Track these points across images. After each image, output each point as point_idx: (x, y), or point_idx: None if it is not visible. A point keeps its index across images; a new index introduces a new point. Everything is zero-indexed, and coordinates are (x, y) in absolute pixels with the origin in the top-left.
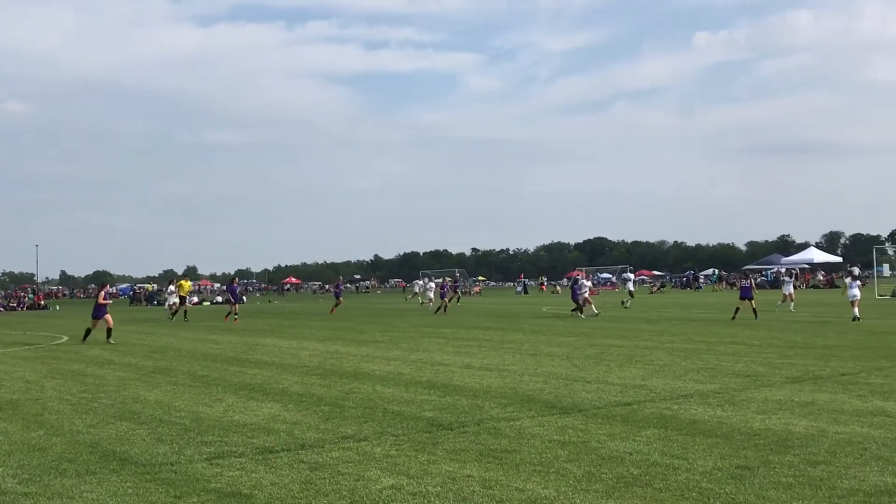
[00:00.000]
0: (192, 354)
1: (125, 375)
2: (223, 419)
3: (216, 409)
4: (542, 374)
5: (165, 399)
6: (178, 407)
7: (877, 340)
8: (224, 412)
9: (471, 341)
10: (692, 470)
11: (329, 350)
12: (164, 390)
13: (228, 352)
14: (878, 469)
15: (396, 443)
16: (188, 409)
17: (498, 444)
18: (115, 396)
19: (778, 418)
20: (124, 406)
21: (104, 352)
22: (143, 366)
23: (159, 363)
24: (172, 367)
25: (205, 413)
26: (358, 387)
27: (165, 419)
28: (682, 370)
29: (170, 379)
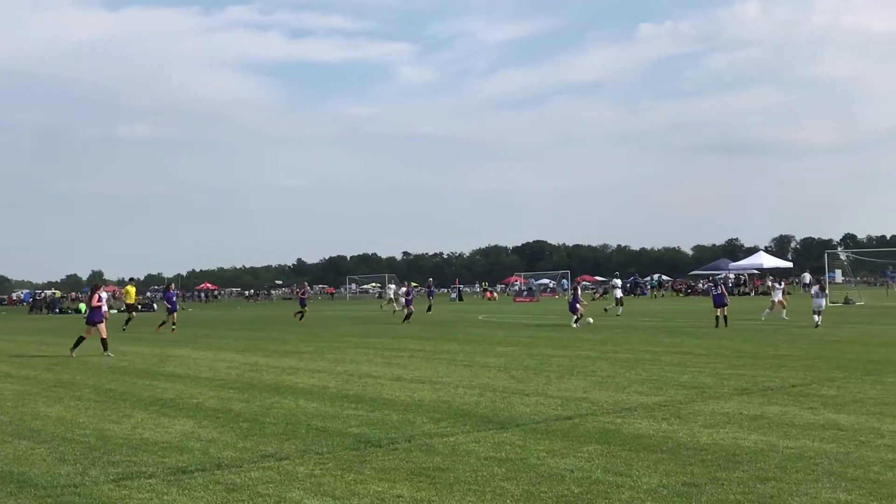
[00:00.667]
0: (98, 367)
1: (23, 389)
2: (132, 437)
3: (124, 427)
4: (478, 387)
5: (68, 415)
6: (82, 424)
7: (829, 350)
8: (133, 429)
9: (402, 352)
10: (636, 488)
11: (248, 362)
12: (67, 406)
13: (137, 364)
14: (829, 485)
15: (321, 461)
16: (93, 426)
17: (430, 461)
18: (12, 413)
19: (726, 432)
20: (23, 423)
21: (1, 364)
22: (43, 379)
23: (61, 376)
24: (76, 381)
25: (112, 430)
26: (279, 401)
27: (68, 437)
28: (626, 382)
29: (73, 393)
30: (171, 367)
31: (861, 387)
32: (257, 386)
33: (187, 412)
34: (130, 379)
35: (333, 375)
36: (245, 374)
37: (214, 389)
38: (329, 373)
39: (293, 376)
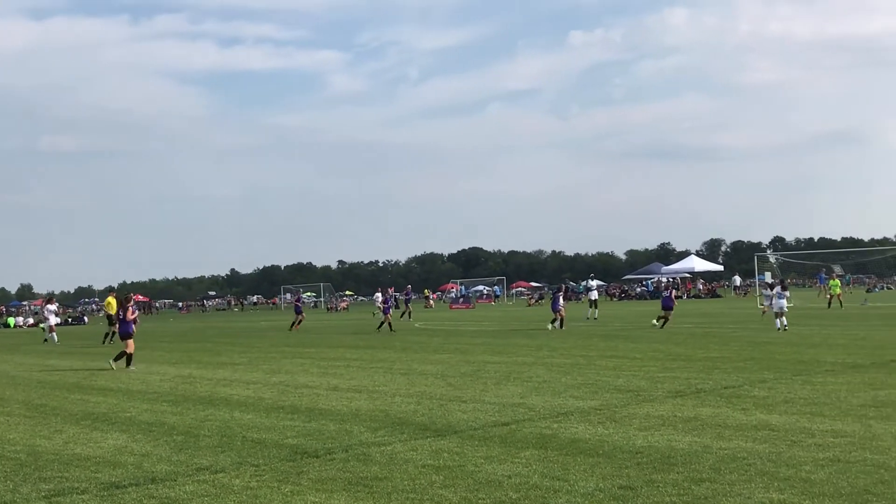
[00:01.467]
0: (27, 382)
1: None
2: (63, 452)
3: (55, 442)
4: (415, 395)
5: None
6: (11, 440)
7: (760, 352)
8: (64, 445)
9: (337, 361)
10: (573, 492)
11: (182, 374)
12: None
13: (69, 378)
14: (762, 485)
15: (257, 473)
16: (23, 441)
17: (368, 471)
18: None
19: (661, 434)
20: None
21: None
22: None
23: None
24: (5, 396)
25: (43, 446)
26: (214, 413)
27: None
28: (562, 387)
29: (2, 409)
30: (103, 381)
31: (791, 387)
32: (191, 398)
33: (120, 426)
34: (61, 393)
35: (269, 386)
36: (179, 387)
37: (147, 402)
38: (264, 384)
39: (228, 388)
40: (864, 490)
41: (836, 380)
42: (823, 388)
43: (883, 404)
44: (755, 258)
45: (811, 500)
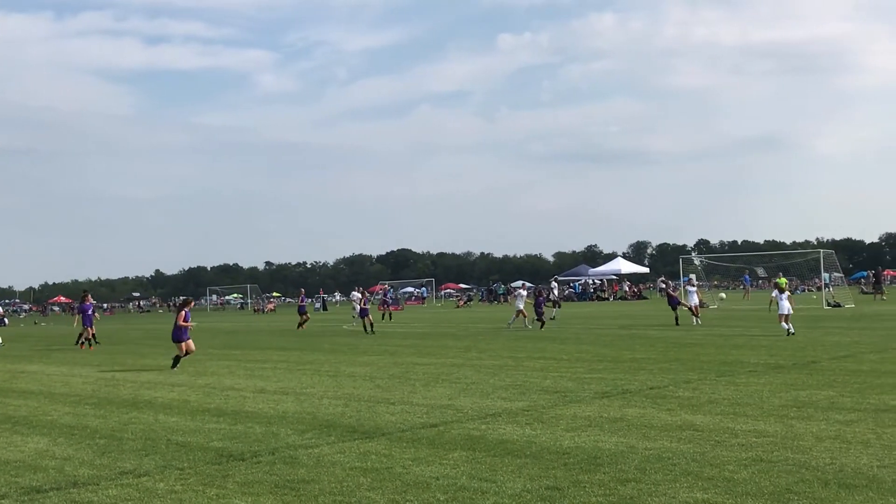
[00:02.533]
0: None
1: None
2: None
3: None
4: (343, 397)
5: None
6: None
7: (684, 353)
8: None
9: (265, 363)
10: (501, 493)
11: (105, 376)
12: None
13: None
14: (687, 485)
15: (182, 477)
16: None
17: (295, 474)
18: None
19: (587, 435)
20: None
21: None
22: None
23: None
24: None
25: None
26: (138, 416)
27: None
28: (490, 388)
29: None
30: (24, 384)
31: (715, 388)
32: (114, 401)
33: (41, 430)
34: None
35: (194, 389)
36: (101, 389)
37: (69, 405)
38: (189, 386)
39: (152, 390)
40: (785, 489)
41: (759, 380)
42: (746, 388)
43: (804, 405)
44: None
45: (734, 499)
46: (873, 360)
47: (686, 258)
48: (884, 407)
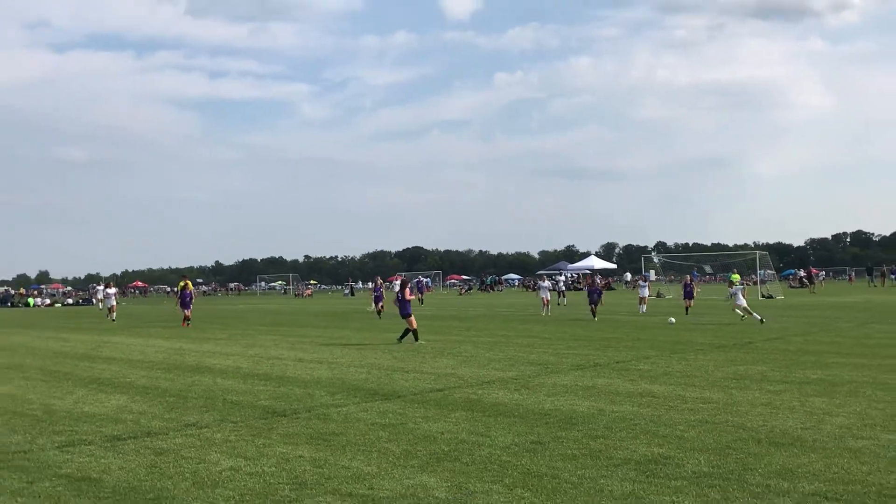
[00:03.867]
0: (44, 352)
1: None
2: (74, 410)
3: (67, 402)
4: (366, 366)
5: (18, 393)
6: (30, 400)
7: (645, 334)
8: (75, 404)
9: (303, 338)
10: (494, 445)
11: (173, 347)
12: (17, 385)
13: (79, 349)
14: (646, 441)
15: (235, 429)
16: (40, 401)
17: (327, 427)
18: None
19: (565, 400)
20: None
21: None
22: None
23: (11, 360)
24: (25, 363)
25: (56, 405)
26: (200, 379)
27: (18, 411)
28: (486, 360)
29: (22, 374)
30: (108, 352)
31: (670, 363)
32: (181, 367)
33: (121, 389)
34: (73, 361)
35: (245, 358)
36: (171, 357)
37: (145, 370)
38: (242, 356)
39: (211, 359)
40: (726, 446)
41: (705, 357)
42: (695, 363)
43: (741, 377)
44: (642, 259)
45: (684, 453)
46: (799, 341)
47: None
48: (806, 380)
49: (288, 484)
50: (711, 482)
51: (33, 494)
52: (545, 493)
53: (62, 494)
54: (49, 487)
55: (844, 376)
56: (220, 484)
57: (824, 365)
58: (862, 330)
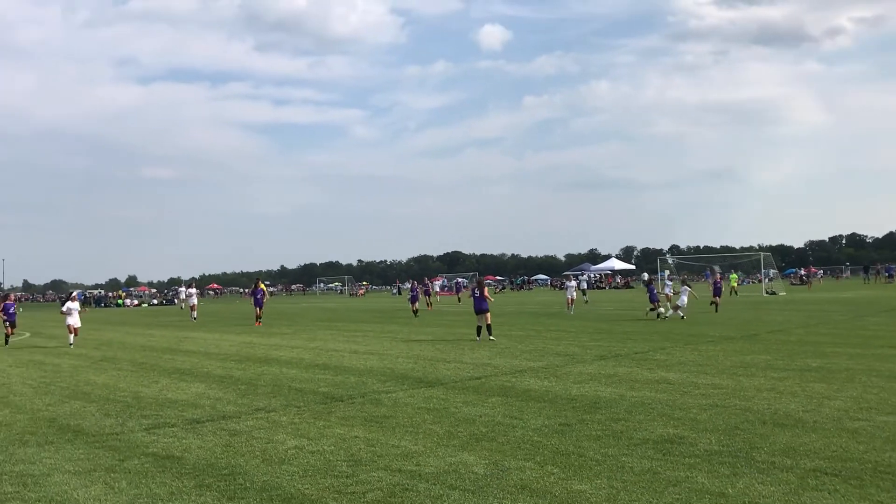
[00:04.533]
0: (133, 346)
1: (77, 364)
2: (159, 397)
3: (153, 389)
4: (413, 357)
5: (111, 382)
6: (121, 388)
7: (661, 327)
8: (160, 391)
9: (357, 332)
10: (526, 427)
11: (244, 341)
12: (111, 375)
13: (163, 343)
14: (662, 423)
15: (299, 412)
16: (130, 389)
17: (378, 411)
18: (69, 380)
19: (589, 386)
20: (77, 388)
21: (60, 345)
22: (92, 356)
23: (106, 353)
24: (117, 357)
25: (144, 392)
26: (268, 369)
27: (111, 398)
28: (519, 351)
29: (115, 366)
30: (188, 346)
31: (683, 353)
32: (251, 358)
33: (200, 378)
34: (157, 354)
35: (307, 350)
36: (242, 350)
37: (220, 361)
38: (304, 348)
39: (278, 351)
40: (734, 427)
41: (715, 348)
42: (706, 353)
43: (748, 366)
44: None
45: (697, 433)
46: (800, 333)
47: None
48: (807, 368)
49: (345, 461)
50: (722, 459)
51: (124, 471)
52: (572, 469)
53: (149, 471)
54: (138, 465)
55: (842, 364)
56: (286, 461)
57: (823, 354)
58: (857, 322)
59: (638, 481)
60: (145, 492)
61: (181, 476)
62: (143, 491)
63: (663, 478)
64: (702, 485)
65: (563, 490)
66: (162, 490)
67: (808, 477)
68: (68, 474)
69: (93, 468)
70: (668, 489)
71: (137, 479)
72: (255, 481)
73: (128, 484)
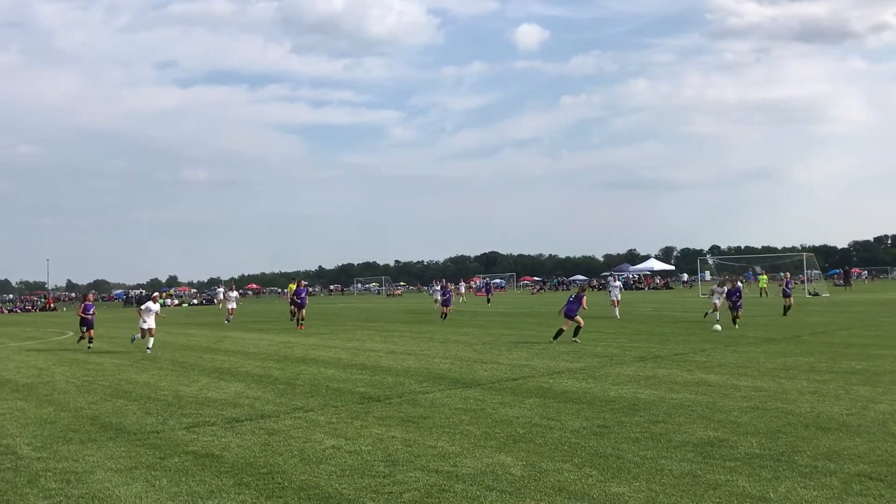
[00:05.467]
0: (174, 345)
1: (119, 362)
2: (199, 396)
3: (193, 388)
4: (450, 357)
5: (152, 381)
6: (162, 387)
7: (699, 329)
8: (199, 390)
9: (394, 332)
10: (564, 429)
11: (283, 341)
12: (152, 374)
13: (202, 343)
14: (702, 426)
15: (336, 412)
16: (170, 388)
17: (416, 412)
18: (111, 379)
19: (628, 388)
20: (119, 387)
21: (102, 343)
22: (134, 355)
23: (146, 353)
24: (157, 355)
25: (184, 391)
26: (306, 369)
27: (152, 397)
28: (556, 353)
29: (156, 365)
30: (227, 345)
31: (724, 355)
32: (290, 358)
33: (239, 377)
34: (198, 354)
35: (345, 350)
36: (281, 350)
37: (258, 361)
38: (342, 348)
39: (316, 351)
40: (776, 430)
41: (757, 350)
42: (747, 355)
43: (790, 368)
44: (698, 261)
45: (738, 437)
46: (843, 335)
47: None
48: (851, 370)
49: (382, 461)
50: (763, 463)
51: (165, 468)
52: (611, 471)
53: (189, 469)
54: (178, 462)
55: (887, 367)
56: (323, 460)
57: (868, 356)
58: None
59: (677, 484)
60: (185, 489)
61: (220, 474)
62: (183, 489)
63: (703, 481)
64: (742, 488)
65: (601, 492)
66: (201, 488)
67: (851, 482)
68: (110, 472)
69: (134, 466)
70: (707, 492)
71: (178, 476)
72: (293, 480)
73: (168, 482)
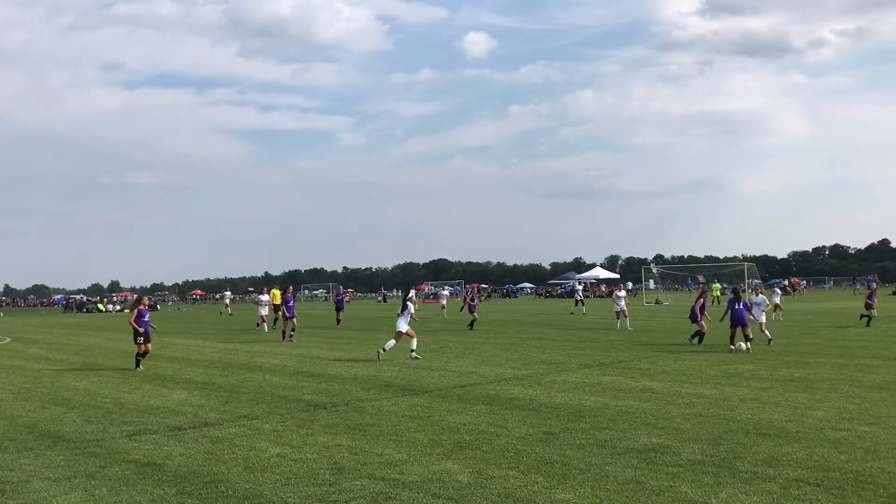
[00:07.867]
0: (116, 352)
1: (59, 369)
2: (141, 403)
3: (135, 396)
4: (397, 364)
5: (93, 388)
6: (103, 394)
7: (645, 337)
8: (141, 398)
9: (341, 339)
10: (510, 436)
11: (227, 347)
12: (92, 381)
13: None
14: (646, 432)
15: (282, 420)
16: (112, 395)
17: (362, 419)
18: (50, 386)
19: (573, 395)
20: (58, 394)
21: (40, 350)
22: (73, 361)
23: (88, 359)
24: (99, 363)
25: (125, 399)
26: (251, 376)
27: (93, 404)
28: (504, 360)
29: (96, 372)
30: (171, 352)
31: (667, 362)
32: (234, 365)
33: (182, 385)
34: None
35: (291, 357)
36: (225, 357)
37: (202, 368)
38: (287, 355)
39: (261, 358)
40: (718, 437)
41: (699, 357)
42: (690, 363)
43: (732, 375)
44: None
45: (681, 443)
46: (782, 343)
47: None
48: (790, 378)
49: (328, 469)
50: (705, 469)
51: (105, 477)
52: (556, 478)
53: (130, 477)
54: (119, 471)
55: (824, 374)
56: (268, 469)
57: (806, 364)
58: (839, 333)
59: (621, 490)
60: (126, 499)
61: (162, 483)
62: (124, 498)
63: (647, 487)
64: (685, 494)
65: (546, 499)
66: (143, 497)
67: (790, 487)
68: (48, 481)
69: (73, 475)
70: (651, 498)
71: (118, 486)
72: (237, 489)
73: (108, 491)
